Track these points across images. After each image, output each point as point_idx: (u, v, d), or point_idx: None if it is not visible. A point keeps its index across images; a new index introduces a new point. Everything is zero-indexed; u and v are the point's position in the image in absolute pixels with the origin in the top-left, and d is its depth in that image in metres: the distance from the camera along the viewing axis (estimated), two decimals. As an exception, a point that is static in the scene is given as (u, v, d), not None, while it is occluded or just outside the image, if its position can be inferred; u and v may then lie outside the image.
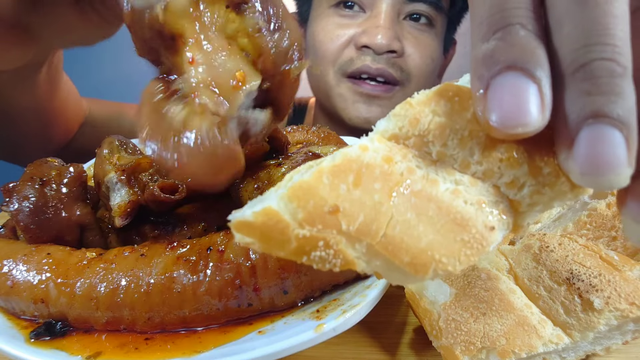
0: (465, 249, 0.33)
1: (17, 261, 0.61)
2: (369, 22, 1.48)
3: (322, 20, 1.57)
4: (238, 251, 0.60)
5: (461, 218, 0.33)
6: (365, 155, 0.36)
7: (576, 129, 0.31)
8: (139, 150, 0.80)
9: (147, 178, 0.66)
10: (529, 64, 0.31)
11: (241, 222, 0.34)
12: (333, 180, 0.34)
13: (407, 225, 0.33)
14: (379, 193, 0.34)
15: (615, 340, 0.58)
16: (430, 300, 0.61)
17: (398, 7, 1.48)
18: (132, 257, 0.61)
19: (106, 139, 0.77)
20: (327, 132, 1.18)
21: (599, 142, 0.30)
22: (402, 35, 1.49)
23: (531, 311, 0.57)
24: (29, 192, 0.64)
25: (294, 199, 0.34)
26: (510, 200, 0.35)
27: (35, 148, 1.23)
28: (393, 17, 1.47)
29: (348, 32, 1.50)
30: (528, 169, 0.34)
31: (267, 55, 0.51)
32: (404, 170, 0.35)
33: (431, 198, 0.34)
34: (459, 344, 0.56)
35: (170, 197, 0.64)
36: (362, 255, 0.34)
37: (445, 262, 0.33)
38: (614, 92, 0.30)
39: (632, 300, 0.53)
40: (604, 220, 0.67)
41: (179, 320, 0.59)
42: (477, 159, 0.35)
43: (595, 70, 0.30)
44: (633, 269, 0.57)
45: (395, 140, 0.38)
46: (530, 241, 0.61)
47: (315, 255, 0.34)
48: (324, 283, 0.62)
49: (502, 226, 0.34)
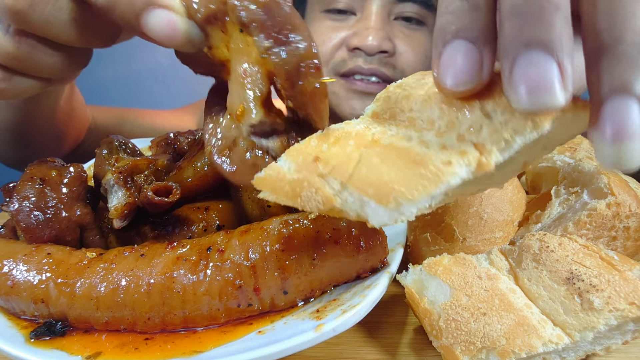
0: (422, 180, 0.38)
1: (17, 261, 0.61)
2: (359, 24, 1.49)
3: (315, 23, 1.59)
4: (238, 251, 0.60)
5: (420, 158, 0.39)
6: (347, 127, 0.47)
7: (513, 60, 0.35)
8: (138, 150, 0.80)
9: (142, 180, 0.66)
10: (467, 32, 0.38)
11: (259, 178, 0.48)
12: (318, 142, 0.47)
13: (372, 167, 0.41)
14: (351, 147, 0.43)
15: (615, 340, 0.58)
16: (430, 300, 0.61)
17: (388, 8, 1.49)
18: (132, 257, 0.61)
19: (105, 139, 0.77)
20: (327, 132, 1.18)
21: (531, 67, 0.34)
22: (393, 35, 1.50)
23: (531, 311, 0.57)
24: (29, 192, 0.64)
25: (289, 156, 0.47)
26: (474, 144, 0.39)
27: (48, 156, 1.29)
28: (384, 18, 1.48)
29: (340, 35, 1.52)
30: (481, 113, 0.39)
31: (281, 75, 0.53)
32: (377, 132, 0.44)
33: (396, 147, 0.41)
34: (459, 344, 0.56)
35: (164, 199, 0.64)
36: (338, 192, 0.42)
37: (404, 191, 0.38)
38: (543, 23, 0.34)
39: (632, 300, 0.53)
40: (604, 220, 0.67)
41: (179, 320, 0.59)
42: (438, 114, 0.41)
43: (521, 6, 0.35)
44: (633, 269, 0.57)
45: (377, 117, 0.48)
46: (530, 241, 0.61)
47: (304, 195, 0.44)
48: (324, 283, 0.62)
49: (461, 162, 0.38)
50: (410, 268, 0.67)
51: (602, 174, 0.69)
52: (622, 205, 0.67)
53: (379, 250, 0.63)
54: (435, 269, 0.62)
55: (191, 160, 0.75)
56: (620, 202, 0.67)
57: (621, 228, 0.68)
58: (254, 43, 0.52)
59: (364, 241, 0.62)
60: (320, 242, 0.60)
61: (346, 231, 0.61)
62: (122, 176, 0.66)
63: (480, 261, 0.62)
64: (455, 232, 0.72)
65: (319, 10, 1.57)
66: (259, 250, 0.60)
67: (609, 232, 0.69)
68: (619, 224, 0.68)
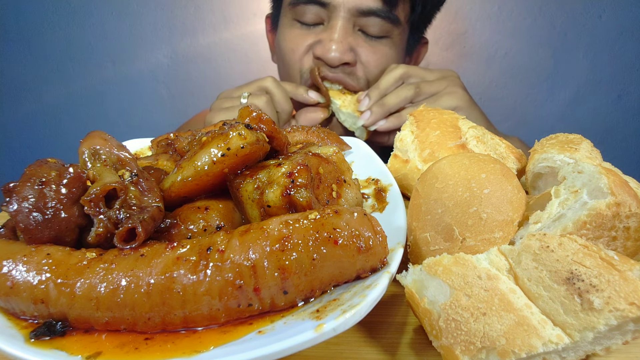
0: None
1: (17, 262, 0.61)
2: (324, 33, 1.57)
3: (286, 29, 1.67)
4: (238, 251, 0.60)
5: None
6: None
7: None
8: (124, 154, 0.76)
9: (115, 213, 0.66)
10: None
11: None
12: None
13: None
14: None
15: (615, 340, 0.58)
16: (430, 300, 0.61)
17: (353, 20, 1.55)
18: (132, 257, 0.61)
19: (87, 138, 0.76)
20: (327, 132, 1.18)
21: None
22: (356, 44, 1.58)
23: (531, 311, 0.57)
24: (28, 192, 0.64)
25: None
26: None
27: None
28: (347, 29, 1.55)
29: (307, 42, 1.60)
30: None
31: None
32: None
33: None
34: (459, 343, 0.56)
35: (126, 244, 0.63)
36: None
37: None
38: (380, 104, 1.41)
39: (632, 300, 0.53)
40: (604, 220, 0.67)
41: (179, 320, 0.59)
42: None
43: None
44: (633, 269, 0.57)
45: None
46: (530, 241, 0.61)
47: None
48: (324, 283, 0.62)
49: None
50: (410, 268, 0.67)
51: (602, 174, 0.69)
52: (622, 205, 0.67)
53: (379, 250, 0.63)
54: (435, 269, 0.62)
55: (191, 160, 0.75)
56: (620, 202, 0.67)
57: (621, 228, 0.68)
58: None
59: (364, 241, 0.62)
60: (320, 242, 0.60)
61: (346, 231, 0.61)
62: (93, 204, 0.65)
63: (480, 261, 0.62)
64: (455, 232, 0.72)
65: (290, 17, 1.65)
66: (259, 250, 0.59)
67: (609, 232, 0.69)
68: (619, 224, 0.68)
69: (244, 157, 0.74)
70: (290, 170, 0.71)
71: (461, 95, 1.45)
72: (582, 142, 0.90)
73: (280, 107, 1.49)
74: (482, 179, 0.74)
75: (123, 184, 0.68)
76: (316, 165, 0.78)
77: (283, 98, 1.49)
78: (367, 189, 0.98)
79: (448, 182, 0.76)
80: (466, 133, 1.06)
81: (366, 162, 1.09)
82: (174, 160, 0.97)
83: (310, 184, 0.71)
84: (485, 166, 0.76)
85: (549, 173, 0.91)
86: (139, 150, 1.19)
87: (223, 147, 0.73)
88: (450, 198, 0.74)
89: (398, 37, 1.65)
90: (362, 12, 1.53)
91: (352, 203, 0.83)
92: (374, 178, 1.01)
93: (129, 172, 0.72)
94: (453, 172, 0.76)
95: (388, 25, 1.57)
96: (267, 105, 1.46)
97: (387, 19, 1.56)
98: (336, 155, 0.87)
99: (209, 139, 0.75)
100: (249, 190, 0.74)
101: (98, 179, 0.69)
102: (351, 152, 1.16)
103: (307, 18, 1.58)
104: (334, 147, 0.91)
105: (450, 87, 1.46)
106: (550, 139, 0.96)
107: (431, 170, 0.80)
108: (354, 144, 1.18)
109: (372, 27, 1.56)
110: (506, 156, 1.05)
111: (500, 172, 0.75)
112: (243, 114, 0.81)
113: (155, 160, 0.98)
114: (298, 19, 1.61)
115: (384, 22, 1.56)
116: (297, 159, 0.76)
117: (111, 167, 0.73)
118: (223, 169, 0.74)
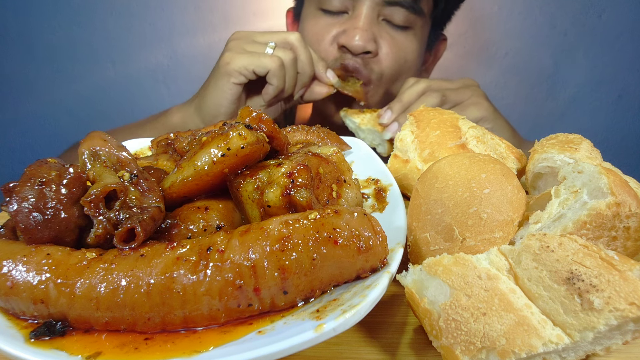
0: None
1: (17, 262, 0.61)
2: (349, 22, 1.59)
3: (310, 20, 1.68)
4: (238, 251, 0.60)
5: None
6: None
7: None
8: (125, 154, 0.76)
9: (114, 214, 0.66)
10: None
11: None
12: None
13: None
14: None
15: (615, 340, 0.58)
16: (430, 300, 0.61)
17: (377, 10, 1.58)
18: (132, 257, 0.61)
19: (87, 139, 0.76)
20: (327, 132, 1.18)
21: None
22: (379, 35, 1.60)
23: (531, 311, 0.57)
24: (28, 192, 0.64)
25: None
26: None
27: None
28: (372, 19, 1.58)
29: (332, 32, 1.62)
30: None
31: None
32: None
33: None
34: (459, 344, 0.56)
35: (125, 245, 0.63)
36: None
37: None
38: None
39: (632, 300, 0.53)
40: (604, 220, 0.67)
41: (179, 320, 0.59)
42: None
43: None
44: (633, 269, 0.57)
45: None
46: (530, 241, 0.61)
47: None
48: (324, 283, 0.62)
49: None
50: (410, 268, 0.67)
51: (602, 173, 0.69)
52: (622, 205, 0.67)
53: (379, 250, 0.63)
54: (435, 269, 0.62)
55: (191, 160, 0.75)
56: (620, 202, 0.67)
57: (621, 228, 0.68)
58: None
59: (364, 241, 0.62)
60: (320, 242, 0.60)
61: (346, 231, 0.61)
62: (93, 205, 0.65)
63: (480, 261, 0.62)
64: (455, 232, 0.72)
65: (315, 7, 1.66)
66: (259, 250, 0.59)
67: (609, 232, 0.69)
68: (619, 224, 0.68)
69: (244, 157, 0.74)
70: (290, 170, 0.71)
71: (487, 107, 1.45)
72: (582, 142, 0.90)
73: (302, 69, 1.46)
74: (482, 179, 0.74)
75: (123, 185, 0.68)
76: (316, 165, 0.78)
77: (307, 60, 1.45)
78: (367, 189, 0.98)
79: (448, 182, 0.76)
80: (466, 133, 1.06)
81: (366, 162, 1.09)
82: (174, 160, 0.97)
83: (310, 184, 0.71)
84: (485, 166, 0.76)
85: (549, 173, 0.91)
86: (139, 150, 1.19)
87: (223, 147, 0.73)
88: (450, 198, 0.74)
89: (420, 30, 1.68)
90: (388, 1, 1.56)
91: (352, 203, 0.83)
92: (374, 178, 1.01)
93: (128, 173, 0.72)
94: (453, 172, 0.76)
95: (412, 16, 1.61)
96: (292, 63, 1.42)
97: (411, 10, 1.59)
98: (336, 155, 0.87)
99: (209, 139, 0.75)
100: (249, 190, 0.74)
101: (98, 180, 0.69)
102: (351, 152, 1.16)
103: (333, 6, 1.60)
104: (334, 147, 0.91)
105: (475, 97, 1.46)
106: (550, 139, 0.96)
107: (431, 170, 0.80)
108: (354, 144, 1.18)
109: (397, 17, 1.59)
110: (506, 156, 1.05)
111: (500, 172, 0.75)
112: (243, 114, 0.81)
113: (155, 160, 0.98)
114: (323, 8, 1.63)
115: (408, 12, 1.59)
116: (297, 159, 0.76)
117: (111, 168, 0.73)
118: (223, 169, 0.74)
